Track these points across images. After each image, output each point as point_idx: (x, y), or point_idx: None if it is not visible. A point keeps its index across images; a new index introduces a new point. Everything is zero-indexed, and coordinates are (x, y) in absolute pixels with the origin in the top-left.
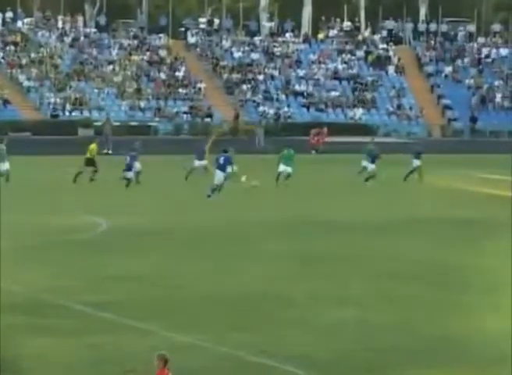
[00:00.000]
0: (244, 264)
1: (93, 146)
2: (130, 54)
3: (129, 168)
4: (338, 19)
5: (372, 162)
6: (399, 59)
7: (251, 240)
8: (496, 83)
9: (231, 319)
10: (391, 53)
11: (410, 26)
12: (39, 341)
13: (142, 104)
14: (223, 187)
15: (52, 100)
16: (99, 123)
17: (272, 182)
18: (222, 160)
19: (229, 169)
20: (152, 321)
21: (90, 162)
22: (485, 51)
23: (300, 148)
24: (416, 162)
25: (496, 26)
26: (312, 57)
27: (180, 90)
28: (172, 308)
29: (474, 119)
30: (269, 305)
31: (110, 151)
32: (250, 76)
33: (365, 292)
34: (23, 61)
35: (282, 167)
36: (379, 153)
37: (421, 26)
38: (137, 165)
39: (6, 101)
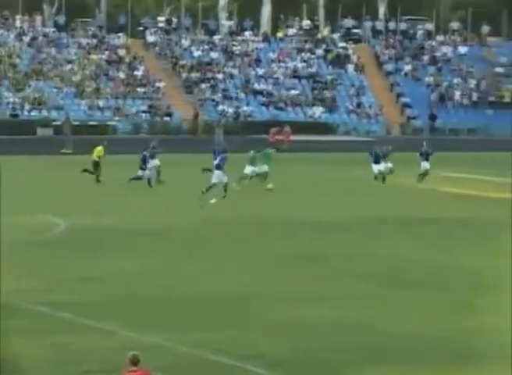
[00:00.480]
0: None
1: (99, 148)
2: (89, 53)
3: (142, 167)
4: (297, 18)
5: (376, 162)
6: (358, 58)
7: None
8: (455, 81)
9: (194, 318)
10: (350, 51)
11: (369, 24)
12: (2, 342)
13: (101, 103)
14: (228, 187)
15: (11, 99)
16: (58, 123)
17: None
18: (219, 160)
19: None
20: (115, 321)
21: (97, 165)
22: (443, 49)
23: (261, 147)
24: (425, 165)
25: (455, 25)
26: (271, 56)
27: (139, 89)
28: (136, 308)
29: (433, 117)
30: (234, 305)
31: (70, 151)
32: (209, 75)
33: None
34: None
35: (261, 167)
36: (386, 153)
37: (380, 25)
38: (156, 163)
39: None
